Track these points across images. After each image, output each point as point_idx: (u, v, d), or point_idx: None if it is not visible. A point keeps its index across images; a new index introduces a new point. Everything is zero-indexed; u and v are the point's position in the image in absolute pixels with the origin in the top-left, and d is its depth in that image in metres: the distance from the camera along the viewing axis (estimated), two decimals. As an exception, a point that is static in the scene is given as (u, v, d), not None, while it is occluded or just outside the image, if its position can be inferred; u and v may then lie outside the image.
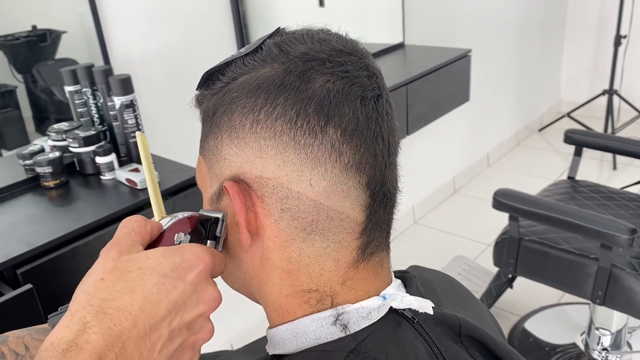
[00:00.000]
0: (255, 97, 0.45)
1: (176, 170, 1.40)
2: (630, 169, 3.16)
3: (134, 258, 0.43)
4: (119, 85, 1.34)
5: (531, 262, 1.72)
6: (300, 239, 0.46)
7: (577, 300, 2.21)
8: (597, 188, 1.98)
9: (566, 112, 3.70)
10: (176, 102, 1.69)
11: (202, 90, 0.51)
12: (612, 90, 3.31)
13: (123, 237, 0.45)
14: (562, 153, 3.45)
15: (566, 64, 3.95)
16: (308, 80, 0.45)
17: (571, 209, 1.53)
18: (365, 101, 0.46)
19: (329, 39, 0.47)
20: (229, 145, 0.47)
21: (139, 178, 1.30)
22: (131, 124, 1.38)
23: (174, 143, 1.68)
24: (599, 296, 1.60)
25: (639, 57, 3.53)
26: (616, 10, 3.29)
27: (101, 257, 0.44)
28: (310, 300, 0.48)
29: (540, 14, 3.49)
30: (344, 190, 0.45)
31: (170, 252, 0.44)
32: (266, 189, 0.45)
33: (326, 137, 0.44)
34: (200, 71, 1.78)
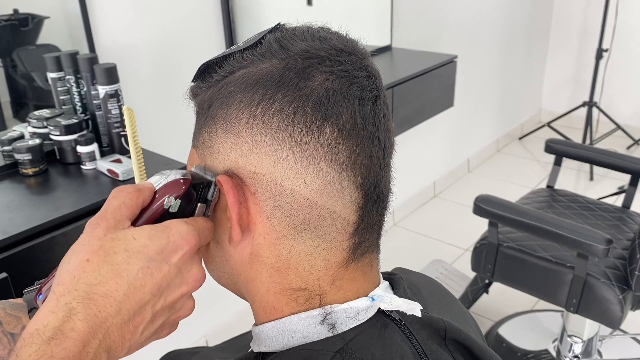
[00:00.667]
0: (253, 92, 0.45)
1: (158, 163, 1.39)
2: (606, 180, 3.22)
3: (120, 237, 0.42)
4: (104, 74, 1.32)
5: (509, 268, 1.74)
6: (291, 237, 0.46)
7: (550, 307, 2.24)
8: (575, 198, 2.01)
9: (546, 122, 3.75)
10: (161, 94, 1.67)
11: (198, 82, 0.50)
12: (592, 102, 3.37)
13: (112, 212, 0.44)
14: (541, 162, 3.50)
15: (548, 74, 4.01)
16: (307, 77, 0.44)
17: (550, 218, 1.56)
18: (364, 102, 0.46)
19: (330, 37, 0.47)
20: (224, 139, 0.46)
21: (121, 169, 1.28)
22: (115, 114, 1.36)
23: (157, 135, 1.66)
24: (573, 304, 1.62)
25: (619, 70, 3.59)
26: (599, 24, 3.35)
27: (87, 232, 0.43)
28: (298, 298, 0.47)
29: (525, 25, 3.54)
30: (337, 189, 0.45)
31: (156, 233, 0.43)
32: (260, 184, 0.45)
33: (323, 136, 0.44)
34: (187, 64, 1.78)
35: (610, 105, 3.68)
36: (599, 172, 3.27)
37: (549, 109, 4.05)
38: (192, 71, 1.86)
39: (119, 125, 1.38)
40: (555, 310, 2.22)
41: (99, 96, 1.36)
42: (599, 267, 1.60)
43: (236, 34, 1.79)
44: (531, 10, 3.55)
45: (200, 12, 1.72)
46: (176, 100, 1.71)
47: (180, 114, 1.74)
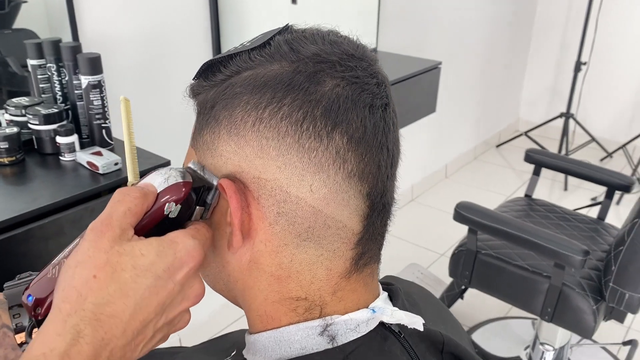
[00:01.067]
0: (261, 95, 0.43)
1: (139, 157, 1.35)
2: (580, 190, 3.28)
3: (128, 252, 0.41)
4: (87, 64, 1.29)
5: (486, 275, 1.76)
6: (293, 245, 0.45)
7: (522, 315, 2.27)
8: (552, 208, 2.04)
9: (523, 131, 3.80)
10: (145, 87, 1.64)
11: (200, 80, 0.49)
12: (569, 114, 3.42)
13: (118, 220, 0.41)
14: (517, 170, 3.55)
15: (527, 85, 4.07)
16: (318, 82, 0.43)
17: (530, 227, 1.57)
18: (374, 109, 0.45)
19: (340, 41, 0.46)
20: (227, 141, 0.45)
21: (102, 162, 1.25)
22: (97, 105, 1.33)
23: (139, 129, 1.62)
24: (548, 313, 1.64)
25: (596, 83, 3.66)
26: (578, 37, 3.41)
27: (90, 240, 0.41)
28: (297, 308, 0.46)
29: (506, 36, 3.58)
30: (344, 198, 0.44)
31: (164, 249, 0.42)
32: (263, 190, 0.44)
33: (332, 143, 0.43)
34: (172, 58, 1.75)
35: (586, 118, 3.75)
36: (573, 182, 3.32)
37: (526, 119, 4.11)
38: (176, 65, 1.84)
39: (101, 117, 1.34)
40: (527, 318, 2.25)
41: (81, 86, 1.32)
42: (575, 277, 1.62)
43: (222, 29, 1.76)
44: (512, 22, 3.60)
45: (187, 5, 1.69)
46: (160, 93, 1.69)
47: (163, 108, 1.71)
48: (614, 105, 3.72)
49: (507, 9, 3.49)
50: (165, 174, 0.45)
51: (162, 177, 0.45)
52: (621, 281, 1.53)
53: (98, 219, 0.42)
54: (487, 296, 1.83)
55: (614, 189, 1.91)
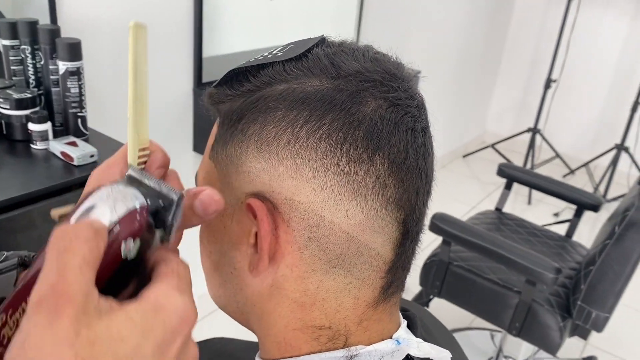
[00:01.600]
0: (298, 111, 0.40)
1: (116, 150, 1.30)
2: (543, 205, 3.35)
3: (103, 337, 0.28)
4: (67, 49, 1.23)
5: (456, 287, 1.76)
6: (322, 272, 0.42)
7: (484, 326, 2.29)
8: (522, 223, 2.07)
9: (491, 143, 3.86)
10: (123, 76, 1.57)
11: (224, 88, 0.45)
12: (536, 129, 3.49)
13: (75, 281, 0.29)
14: (482, 181, 3.60)
15: (496, 99, 4.13)
16: (360, 102, 0.40)
17: (504, 243, 1.58)
18: (415, 133, 0.42)
19: (382, 59, 0.44)
20: (257, 158, 0.41)
21: (77, 153, 1.19)
22: (74, 93, 1.27)
23: (116, 120, 1.56)
24: (516, 327, 1.66)
25: (565, 101, 3.75)
26: (550, 55, 3.48)
27: (43, 325, 0.27)
28: (320, 337, 0.43)
29: (480, 49, 3.64)
30: (380, 225, 0.42)
31: (149, 323, 0.31)
32: (295, 213, 0.41)
33: (372, 167, 0.40)
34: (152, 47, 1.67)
35: (552, 134, 3.84)
36: (536, 196, 3.39)
37: (494, 131, 4.17)
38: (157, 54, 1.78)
39: (77, 106, 1.28)
40: (486, 329, 2.28)
41: (58, 72, 1.26)
42: (544, 294, 1.65)
43: (204, 18, 1.71)
44: (486, 37, 3.65)
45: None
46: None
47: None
48: (580, 123, 3.82)
49: (483, 23, 3.54)
50: (109, 199, 0.33)
51: (106, 205, 0.33)
52: (589, 300, 1.56)
53: (41, 283, 0.29)
54: (451, 306, 1.84)
55: (584, 208, 1.95)
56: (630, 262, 1.49)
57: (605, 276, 1.52)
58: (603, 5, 3.54)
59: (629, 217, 1.46)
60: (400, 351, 0.44)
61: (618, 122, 3.62)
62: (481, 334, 2.30)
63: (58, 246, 0.30)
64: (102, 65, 1.50)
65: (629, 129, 3.29)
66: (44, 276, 0.29)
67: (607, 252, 1.51)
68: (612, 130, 3.67)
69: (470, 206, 3.24)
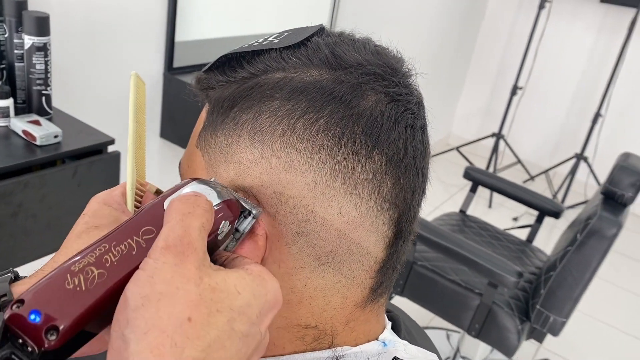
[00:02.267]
0: (295, 102, 0.39)
1: (81, 132, 1.26)
2: (503, 209, 3.41)
3: (222, 287, 0.31)
4: (34, 23, 1.17)
5: (419, 286, 1.78)
6: (310, 269, 0.40)
7: (442, 326, 2.32)
8: (485, 226, 2.10)
9: (455, 146, 3.91)
10: (90, 56, 1.52)
11: (215, 74, 0.43)
12: (500, 134, 3.56)
13: (198, 239, 0.32)
14: (445, 183, 3.64)
15: (463, 102, 4.19)
16: (361, 96, 0.39)
17: (469, 245, 1.60)
18: (415, 131, 0.41)
19: (384, 51, 0.42)
20: (249, 149, 0.39)
21: (40, 133, 1.14)
22: (39, 69, 1.21)
23: (83, 101, 1.50)
24: (475, 329, 1.68)
25: (529, 109, 3.83)
26: (518, 62, 3.55)
27: (172, 264, 0.31)
28: (305, 337, 0.42)
29: (450, 53, 3.68)
30: (373, 224, 0.40)
31: (257, 287, 0.33)
32: (284, 207, 0.39)
33: (370, 164, 0.39)
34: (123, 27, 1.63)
35: (516, 140, 3.91)
36: (497, 200, 3.46)
37: (459, 135, 4.23)
38: (128, 35, 1.72)
39: (42, 83, 1.23)
40: (443, 329, 2.31)
41: (23, 46, 1.20)
42: (504, 297, 1.67)
43: (178, 4, 1.67)
44: (457, 41, 3.70)
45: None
46: (106, 64, 1.57)
47: (109, 81, 1.59)
48: (542, 131, 3.91)
49: (454, 27, 3.58)
50: (214, 187, 0.37)
51: (211, 190, 0.37)
52: (548, 305, 1.60)
53: (169, 233, 0.32)
54: (411, 305, 1.85)
55: (545, 214, 1.99)
56: (589, 269, 1.52)
57: (564, 282, 1.56)
58: (571, 18, 3.63)
59: (590, 225, 1.50)
60: (387, 353, 0.43)
61: (579, 132, 3.72)
62: (438, 333, 2.32)
63: (182, 209, 0.33)
64: (69, 43, 1.44)
65: (589, 140, 3.39)
66: (169, 229, 0.32)
67: (568, 258, 1.54)
68: (572, 139, 3.77)
69: (434, 207, 3.28)
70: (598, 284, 2.77)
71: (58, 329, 0.30)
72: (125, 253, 0.33)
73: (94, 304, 0.31)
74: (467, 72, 4.09)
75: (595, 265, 1.52)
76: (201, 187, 0.37)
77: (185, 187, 0.37)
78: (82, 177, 1.19)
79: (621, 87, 3.48)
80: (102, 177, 1.22)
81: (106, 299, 0.31)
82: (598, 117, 3.29)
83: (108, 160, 1.23)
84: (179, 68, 1.76)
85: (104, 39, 1.52)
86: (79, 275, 0.31)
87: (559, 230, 3.20)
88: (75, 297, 0.31)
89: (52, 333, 0.29)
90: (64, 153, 1.17)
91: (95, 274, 0.32)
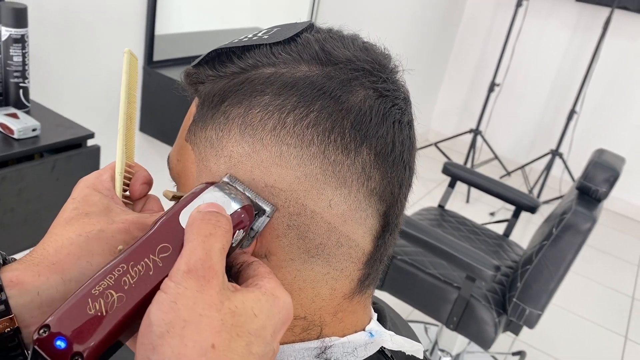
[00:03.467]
0: (286, 97, 0.39)
1: (60, 125, 1.24)
2: (480, 204, 3.46)
3: (241, 311, 0.33)
4: (11, 14, 1.15)
5: (398, 280, 1.80)
6: (300, 261, 0.41)
7: (420, 319, 2.35)
8: (463, 220, 2.13)
9: (434, 142, 3.95)
10: (71, 50, 1.50)
11: (205, 68, 0.43)
12: (477, 130, 3.60)
13: (218, 260, 0.33)
14: (423, 178, 3.67)
15: (441, 98, 4.23)
16: (350, 91, 0.40)
17: (447, 239, 1.62)
18: (402, 126, 0.42)
19: (371, 48, 0.43)
20: (240, 143, 0.40)
21: (18, 126, 1.13)
22: (17, 61, 1.19)
23: (61, 94, 1.48)
24: (454, 322, 1.71)
25: (505, 105, 3.88)
26: (495, 59, 3.59)
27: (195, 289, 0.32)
28: (294, 327, 0.43)
29: (429, 50, 3.71)
30: (362, 217, 0.41)
31: (271, 308, 0.35)
32: (275, 200, 0.39)
33: (359, 158, 0.40)
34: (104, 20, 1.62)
35: (493, 136, 3.97)
36: (474, 195, 3.50)
37: (437, 130, 4.27)
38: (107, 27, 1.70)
39: (20, 76, 1.21)
40: (422, 322, 2.34)
41: (0, 38, 1.18)
42: (481, 290, 1.70)
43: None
44: (435, 38, 3.73)
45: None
46: (85, 57, 1.55)
47: (88, 74, 1.57)
48: (519, 128, 3.97)
49: (433, 24, 3.61)
50: (227, 192, 0.38)
51: (228, 199, 0.37)
52: (524, 297, 1.63)
53: (190, 256, 0.33)
54: (391, 299, 1.87)
55: (522, 209, 2.03)
56: (565, 263, 1.56)
57: (540, 275, 1.59)
58: (547, 16, 3.68)
59: (565, 220, 1.53)
60: (374, 344, 0.44)
61: (554, 128, 3.79)
62: (416, 326, 2.35)
63: (204, 230, 0.34)
64: (48, 34, 1.42)
65: (564, 136, 3.45)
66: (190, 251, 0.33)
67: (544, 252, 1.57)
68: (548, 136, 3.83)
69: (412, 202, 3.27)
70: (572, 278, 2.83)
71: (83, 355, 0.31)
72: (142, 274, 0.34)
73: (116, 327, 0.33)
74: (446, 69, 4.13)
75: (570, 259, 1.55)
76: (218, 196, 0.37)
77: (201, 195, 0.37)
78: (61, 171, 1.18)
79: (596, 85, 3.55)
80: (81, 171, 1.21)
81: (127, 321, 0.33)
82: (573, 114, 3.35)
83: (87, 154, 1.21)
84: (159, 62, 1.75)
85: (83, 32, 1.50)
86: (100, 300, 0.33)
87: (534, 225, 3.26)
88: (98, 323, 0.32)
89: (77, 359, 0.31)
90: (43, 147, 1.15)
91: (115, 297, 0.33)
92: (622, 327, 2.57)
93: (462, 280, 1.67)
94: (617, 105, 3.61)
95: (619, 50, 3.50)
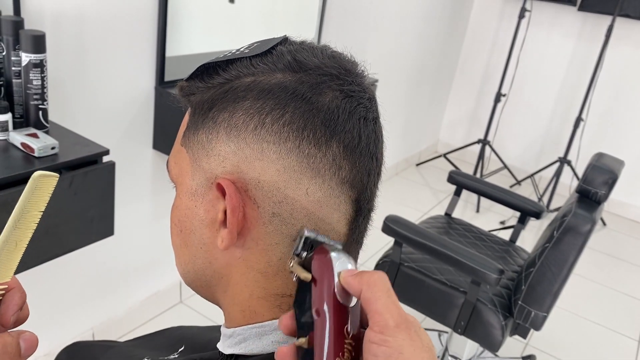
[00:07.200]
0: (264, 101, 0.46)
1: (77, 143, 1.31)
2: (490, 213, 3.49)
3: (431, 345, 0.39)
4: (31, 41, 1.23)
5: (406, 287, 1.84)
6: (284, 244, 0.47)
7: (434, 327, 2.38)
8: (470, 227, 2.16)
9: (443, 153, 4.00)
10: (86, 73, 1.58)
11: (196, 81, 0.50)
12: (486, 140, 3.64)
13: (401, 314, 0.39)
14: (434, 189, 3.72)
15: (449, 110, 4.28)
16: (319, 93, 0.46)
17: (452, 245, 1.66)
18: (367, 122, 0.48)
19: (339, 56, 0.49)
20: (227, 142, 0.47)
21: (38, 145, 1.20)
22: (36, 85, 1.27)
23: (78, 113, 1.56)
24: (461, 326, 1.74)
25: (512, 115, 3.92)
26: (501, 70, 3.64)
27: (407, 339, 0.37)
28: (282, 304, 0.48)
29: (436, 62, 3.77)
30: (335, 203, 0.47)
31: None
32: (261, 191, 0.46)
33: (329, 151, 0.46)
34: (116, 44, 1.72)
35: (501, 146, 4.00)
36: (484, 204, 3.53)
37: (446, 141, 4.32)
38: (119, 50, 1.79)
39: (39, 98, 1.29)
40: (434, 330, 2.37)
41: (20, 63, 1.26)
42: (488, 294, 1.74)
43: (169, 16, 1.74)
44: (441, 50, 3.79)
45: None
46: (100, 79, 1.63)
47: (102, 94, 1.66)
48: (527, 137, 4.00)
49: (438, 37, 3.67)
50: (347, 260, 0.43)
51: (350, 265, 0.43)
52: (529, 300, 1.66)
53: (391, 315, 0.38)
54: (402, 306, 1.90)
55: (526, 214, 2.06)
56: (567, 265, 1.59)
57: (543, 277, 1.62)
58: (550, 26, 3.73)
59: (566, 222, 1.57)
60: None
61: (562, 136, 3.81)
62: (430, 334, 2.37)
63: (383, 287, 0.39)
64: (64, 59, 1.51)
65: (572, 143, 3.47)
66: (387, 309, 0.38)
67: (546, 255, 1.61)
68: (556, 144, 3.86)
69: (422, 212, 3.35)
70: (584, 284, 2.84)
71: None
72: None
73: None
74: (453, 81, 4.19)
75: (572, 261, 1.59)
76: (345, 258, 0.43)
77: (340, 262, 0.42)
78: (78, 186, 1.25)
79: (601, 92, 3.58)
80: (97, 186, 1.28)
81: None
82: (579, 121, 3.38)
83: (103, 170, 1.29)
84: (170, 82, 1.83)
85: (97, 56, 1.59)
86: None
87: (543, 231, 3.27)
88: None
89: None
90: (61, 164, 1.23)
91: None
92: (635, 331, 2.57)
93: (468, 284, 1.71)
94: (623, 111, 3.63)
95: (622, 57, 3.54)
